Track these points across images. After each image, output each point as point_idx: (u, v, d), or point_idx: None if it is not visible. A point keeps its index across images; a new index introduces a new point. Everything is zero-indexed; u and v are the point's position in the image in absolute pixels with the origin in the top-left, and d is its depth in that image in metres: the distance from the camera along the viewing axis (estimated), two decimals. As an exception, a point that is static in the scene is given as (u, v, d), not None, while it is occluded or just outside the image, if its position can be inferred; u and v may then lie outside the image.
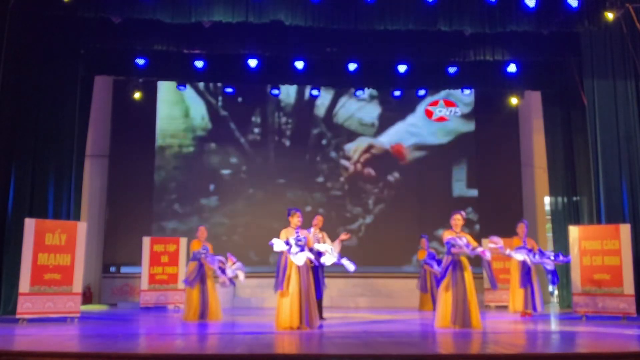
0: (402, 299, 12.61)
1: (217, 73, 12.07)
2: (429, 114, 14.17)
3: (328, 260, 7.73)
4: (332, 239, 9.08)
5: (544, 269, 9.51)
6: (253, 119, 13.96)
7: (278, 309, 7.61)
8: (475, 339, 6.66)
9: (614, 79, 10.13)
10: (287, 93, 13.87)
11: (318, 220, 9.14)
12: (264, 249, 9.78)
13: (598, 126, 10.18)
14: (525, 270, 9.51)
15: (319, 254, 7.84)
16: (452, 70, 12.03)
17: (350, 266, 7.77)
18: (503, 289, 11.20)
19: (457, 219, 7.94)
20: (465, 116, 14.18)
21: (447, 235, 7.93)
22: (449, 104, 14.18)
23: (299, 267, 7.53)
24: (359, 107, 14.10)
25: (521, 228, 9.76)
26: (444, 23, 9.85)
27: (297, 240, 7.58)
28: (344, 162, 13.93)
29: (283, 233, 7.69)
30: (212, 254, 9.10)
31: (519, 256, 9.37)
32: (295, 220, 7.74)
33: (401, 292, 12.89)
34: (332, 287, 10.71)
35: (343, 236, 9.02)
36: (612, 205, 9.86)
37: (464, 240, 7.77)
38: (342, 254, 8.09)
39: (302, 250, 7.53)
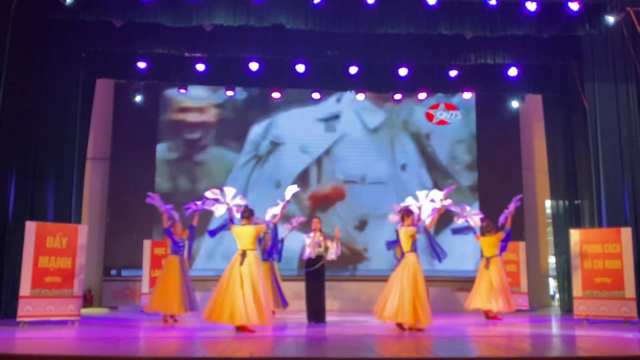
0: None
1: (218, 76, 12.09)
2: (429, 117, 14.18)
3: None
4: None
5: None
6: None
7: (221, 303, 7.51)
8: (475, 342, 6.66)
9: (615, 82, 10.13)
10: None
11: (316, 223, 9.15)
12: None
13: (599, 129, 10.18)
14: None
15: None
16: (453, 73, 12.04)
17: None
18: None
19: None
20: (466, 119, 14.20)
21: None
22: (449, 107, 14.19)
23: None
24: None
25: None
26: (445, 27, 9.86)
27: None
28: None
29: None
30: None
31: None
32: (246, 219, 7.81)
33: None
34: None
35: (338, 233, 9.06)
36: (614, 208, 9.85)
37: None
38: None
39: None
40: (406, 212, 8.13)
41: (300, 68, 11.70)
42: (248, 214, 7.78)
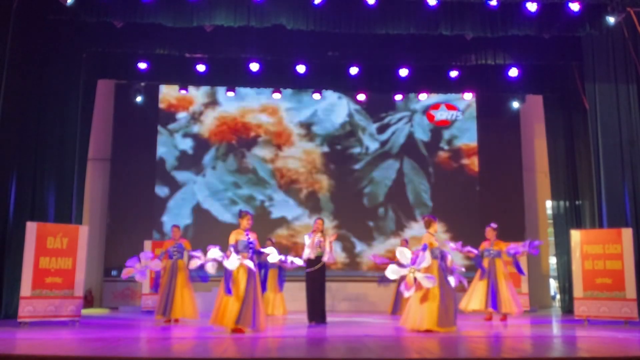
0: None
1: (218, 77, 12.09)
2: (430, 117, 14.18)
3: (272, 258, 7.89)
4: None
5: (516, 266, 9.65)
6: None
7: (219, 307, 7.47)
8: (478, 343, 6.65)
9: (615, 83, 10.14)
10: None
11: (319, 224, 9.14)
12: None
13: (600, 130, 10.18)
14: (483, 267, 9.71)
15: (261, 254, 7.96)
16: (453, 74, 12.03)
17: (298, 261, 8.25)
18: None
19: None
20: (467, 120, 14.20)
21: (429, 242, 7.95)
22: (450, 107, 14.19)
23: (247, 270, 7.49)
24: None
25: (490, 232, 9.87)
26: (445, 27, 9.86)
27: (249, 243, 7.60)
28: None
29: (232, 235, 7.67)
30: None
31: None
32: (245, 222, 7.72)
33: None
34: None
35: (332, 238, 9.06)
36: (614, 209, 9.84)
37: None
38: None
39: (252, 253, 7.60)
40: (430, 220, 8.07)
41: (301, 69, 11.70)
42: (241, 216, 7.78)
